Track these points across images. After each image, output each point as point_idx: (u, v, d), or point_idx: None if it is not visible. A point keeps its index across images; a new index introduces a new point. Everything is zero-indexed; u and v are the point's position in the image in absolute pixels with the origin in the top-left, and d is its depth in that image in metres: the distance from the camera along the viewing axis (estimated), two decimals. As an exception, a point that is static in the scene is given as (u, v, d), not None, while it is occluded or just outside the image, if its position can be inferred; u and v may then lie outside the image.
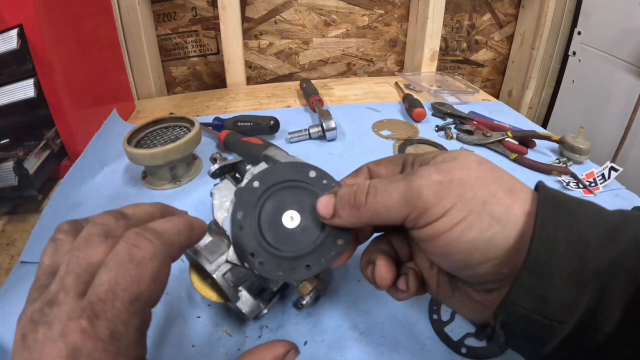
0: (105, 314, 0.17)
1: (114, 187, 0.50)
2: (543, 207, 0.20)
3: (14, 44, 0.42)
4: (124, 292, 0.17)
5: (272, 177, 0.26)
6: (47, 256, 0.20)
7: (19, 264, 0.38)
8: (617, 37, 0.81)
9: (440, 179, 0.20)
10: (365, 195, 0.22)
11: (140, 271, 0.18)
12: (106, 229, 0.19)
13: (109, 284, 0.17)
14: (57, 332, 0.16)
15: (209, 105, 0.77)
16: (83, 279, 0.18)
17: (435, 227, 0.20)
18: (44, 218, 0.42)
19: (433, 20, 0.89)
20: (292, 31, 0.93)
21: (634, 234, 0.19)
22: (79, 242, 0.19)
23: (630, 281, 0.18)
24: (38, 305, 0.17)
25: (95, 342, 0.16)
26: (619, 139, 0.78)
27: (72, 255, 0.18)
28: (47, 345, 0.16)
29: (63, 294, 0.17)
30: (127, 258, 0.18)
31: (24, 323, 0.17)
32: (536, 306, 0.19)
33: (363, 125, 0.68)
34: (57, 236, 0.20)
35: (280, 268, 0.23)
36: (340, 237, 0.24)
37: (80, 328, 0.16)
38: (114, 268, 0.18)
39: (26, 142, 0.48)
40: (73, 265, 0.18)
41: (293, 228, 0.24)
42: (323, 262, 0.24)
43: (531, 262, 0.19)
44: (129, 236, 0.19)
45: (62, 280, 0.18)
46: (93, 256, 0.18)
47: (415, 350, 0.31)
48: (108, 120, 0.59)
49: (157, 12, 0.84)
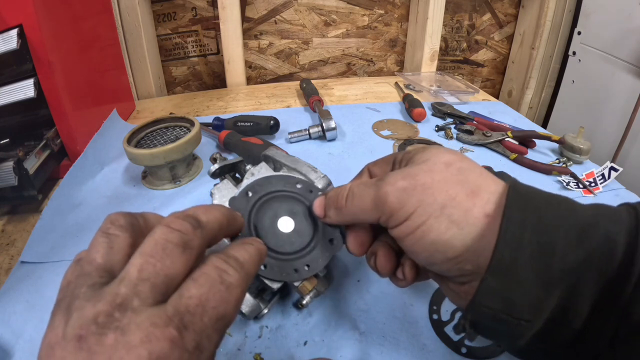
0: (193, 327, 0.17)
1: (114, 187, 0.50)
2: (510, 207, 0.20)
3: (14, 44, 0.42)
4: (213, 310, 0.18)
5: (263, 187, 0.29)
6: (100, 253, 0.19)
7: (19, 264, 0.38)
8: (617, 37, 0.81)
9: (404, 185, 0.22)
10: (345, 199, 0.25)
11: (229, 294, 0.19)
12: (184, 239, 0.19)
13: (199, 299, 0.18)
14: (137, 339, 0.16)
15: (209, 105, 0.77)
16: (160, 290, 0.18)
17: (401, 230, 0.23)
18: (44, 218, 0.42)
19: (433, 20, 0.89)
20: (292, 31, 0.93)
21: (604, 233, 0.19)
22: (156, 249, 0.18)
23: (599, 280, 0.18)
24: (104, 307, 0.17)
25: (181, 353, 0.16)
26: (619, 139, 0.78)
27: (146, 262, 0.18)
28: (121, 350, 0.16)
29: (138, 301, 0.17)
30: (218, 279, 0.19)
31: (82, 323, 0.16)
32: (502, 307, 0.20)
33: (363, 125, 0.68)
34: (111, 231, 0.19)
35: (282, 270, 0.25)
36: (331, 237, 0.27)
37: (169, 337, 0.16)
38: (205, 285, 0.18)
39: (26, 142, 0.48)
40: (149, 274, 0.18)
41: (289, 232, 0.26)
42: (320, 262, 0.26)
43: (496, 264, 0.19)
44: (217, 261, 0.19)
45: (136, 286, 0.17)
46: (171, 268, 0.18)
47: (415, 350, 0.31)
48: (108, 120, 0.59)
49: (157, 12, 0.84)
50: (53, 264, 0.38)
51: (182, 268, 0.19)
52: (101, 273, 0.18)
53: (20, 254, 0.38)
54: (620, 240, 0.18)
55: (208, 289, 0.18)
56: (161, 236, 0.19)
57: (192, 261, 0.19)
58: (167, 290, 0.18)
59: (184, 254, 0.19)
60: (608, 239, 0.19)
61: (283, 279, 0.25)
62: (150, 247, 0.18)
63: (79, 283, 0.18)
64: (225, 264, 0.19)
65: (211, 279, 0.18)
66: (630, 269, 0.18)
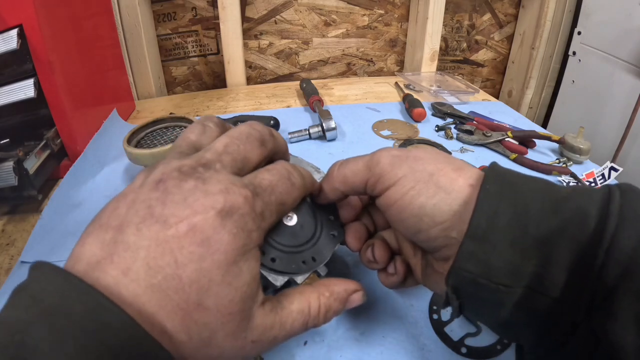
0: (262, 197, 0.20)
1: (114, 187, 0.50)
2: (487, 181, 0.22)
3: (14, 44, 0.42)
4: (279, 194, 0.21)
5: None
6: (195, 134, 0.23)
7: (19, 264, 0.38)
8: (617, 37, 0.81)
9: (397, 154, 0.25)
10: (337, 166, 0.26)
11: (293, 189, 0.23)
12: (263, 137, 0.23)
13: (270, 182, 0.21)
14: (216, 189, 0.18)
15: (209, 105, 0.77)
16: (238, 165, 0.21)
17: (389, 195, 0.24)
18: (43, 218, 0.42)
19: (433, 20, 0.89)
20: (292, 31, 0.93)
21: (578, 204, 0.20)
22: (240, 135, 0.22)
23: (573, 248, 0.19)
24: (190, 162, 0.19)
25: (250, 210, 0.19)
26: (619, 139, 0.78)
27: (231, 141, 0.22)
28: (198, 194, 0.18)
29: (220, 165, 0.20)
30: (286, 175, 0.22)
31: (164, 171, 0.19)
32: (481, 271, 0.20)
33: (363, 125, 0.68)
34: (207, 123, 0.24)
35: (291, 262, 0.25)
36: (333, 230, 0.28)
37: (244, 194, 0.19)
38: (277, 175, 0.22)
39: (26, 142, 0.48)
40: (233, 149, 0.21)
41: (293, 225, 0.26)
42: (325, 253, 0.26)
43: (473, 229, 0.21)
44: (286, 164, 0.23)
45: (220, 155, 0.21)
46: (250, 152, 0.22)
47: (415, 350, 0.31)
48: (108, 120, 0.59)
49: (157, 12, 0.84)
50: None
51: (257, 157, 0.22)
52: (190, 148, 0.22)
53: (20, 254, 0.38)
54: (592, 212, 0.19)
55: (278, 178, 0.22)
56: (245, 129, 0.23)
57: (264, 156, 0.23)
58: (243, 168, 0.21)
59: (260, 148, 0.23)
60: (580, 210, 0.20)
61: (293, 270, 0.25)
62: (236, 133, 0.22)
63: (170, 153, 0.22)
64: (292, 169, 0.23)
65: (281, 173, 0.22)
66: (602, 235, 0.18)
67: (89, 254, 0.17)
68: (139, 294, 0.16)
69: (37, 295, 0.15)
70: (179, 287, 0.17)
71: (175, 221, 0.17)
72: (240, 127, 0.23)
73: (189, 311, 0.17)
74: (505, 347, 0.31)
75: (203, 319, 0.17)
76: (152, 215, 0.17)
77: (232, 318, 0.18)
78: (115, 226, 0.17)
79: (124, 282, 0.16)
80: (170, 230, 0.17)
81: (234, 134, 0.22)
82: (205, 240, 0.17)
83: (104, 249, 0.17)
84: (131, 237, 0.17)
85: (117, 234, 0.17)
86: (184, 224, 0.17)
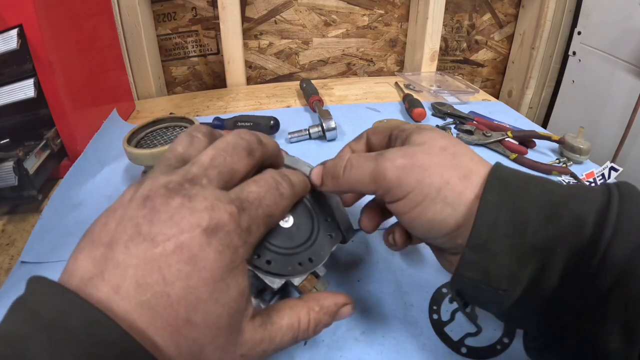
0: (249, 212, 0.20)
1: (114, 187, 0.50)
2: (488, 191, 0.22)
3: (14, 44, 0.42)
4: (267, 207, 0.21)
5: None
6: (182, 145, 0.22)
7: (19, 264, 0.38)
8: (617, 37, 0.81)
9: (403, 163, 0.24)
10: (342, 169, 0.26)
11: (281, 200, 0.22)
12: (250, 147, 0.23)
13: (258, 194, 0.21)
14: (201, 206, 0.18)
15: (209, 105, 0.77)
16: (224, 178, 0.21)
17: (399, 207, 0.24)
18: (43, 218, 0.42)
19: (433, 20, 0.89)
20: (292, 31, 0.93)
21: (574, 213, 0.20)
22: (227, 147, 0.22)
23: (569, 256, 0.20)
24: (176, 178, 0.19)
25: (235, 227, 0.19)
26: (619, 139, 0.78)
27: (218, 153, 0.21)
28: (184, 212, 0.18)
29: (206, 180, 0.20)
30: (274, 186, 0.22)
31: (152, 187, 0.19)
32: (481, 277, 0.22)
33: (363, 126, 0.68)
34: (195, 134, 0.23)
35: (287, 264, 0.25)
36: (329, 231, 0.27)
37: (230, 211, 0.19)
38: (264, 187, 0.22)
39: (26, 142, 0.48)
40: (218, 163, 0.21)
41: (289, 227, 0.26)
42: (322, 254, 0.26)
43: (473, 240, 0.22)
44: (274, 173, 0.23)
45: (206, 169, 0.20)
46: (237, 164, 0.22)
47: (415, 350, 0.31)
48: (108, 120, 0.59)
49: (157, 12, 0.84)
50: (53, 264, 0.38)
51: (245, 168, 0.22)
52: (179, 160, 0.22)
53: (20, 254, 0.38)
54: (589, 219, 0.20)
55: (266, 190, 0.22)
56: (232, 139, 0.22)
57: (252, 166, 0.23)
58: (230, 180, 0.21)
59: (248, 158, 0.22)
60: (578, 218, 0.20)
61: (289, 272, 0.25)
62: (223, 144, 0.22)
63: (157, 166, 0.21)
64: (280, 178, 0.23)
65: (268, 184, 0.22)
66: (597, 245, 0.19)
67: (82, 270, 0.17)
68: (129, 311, 0.17)
69: (36, 309, 0.16)
70: (168, 304, 0.17)
71: (163, 239, 0.17)
72: (227, 137, 0.22)
73: (178, 327, 0.17)
74: (505, 347, 0.31)
75: (192, 334, 0.18)
76: (139, 234, 0.18)
77: (221, 333, 0.19)
78: (106, 242, 0.18)
79: (115, 299, 0.17)
80: (158, 248, 0.17)
81: (220, 145, 0.22)
82: (192, 258, 0.18)
83: (95, 266, 0.17)
84: (120, 255, 0.17)
85: (107, 251, 0.17)
86: (171, 243, 0.17)
